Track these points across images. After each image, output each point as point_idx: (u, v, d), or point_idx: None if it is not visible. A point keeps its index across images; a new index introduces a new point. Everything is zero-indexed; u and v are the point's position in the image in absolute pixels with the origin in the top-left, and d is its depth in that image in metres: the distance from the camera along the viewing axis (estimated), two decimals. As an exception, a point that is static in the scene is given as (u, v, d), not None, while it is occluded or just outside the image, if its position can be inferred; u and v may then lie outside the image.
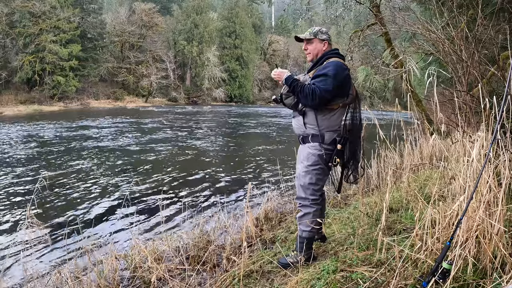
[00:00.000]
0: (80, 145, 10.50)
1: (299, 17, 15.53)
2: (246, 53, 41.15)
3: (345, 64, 2.34)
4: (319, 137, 2.29)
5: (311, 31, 2.43)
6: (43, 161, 8.29)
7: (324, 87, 2.17)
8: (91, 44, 31.80)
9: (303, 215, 2.35)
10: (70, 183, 6.31)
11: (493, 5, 3.93)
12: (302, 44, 2.49)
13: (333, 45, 2.48)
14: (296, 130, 2.45)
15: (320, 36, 2.40)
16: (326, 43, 2.41)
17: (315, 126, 2.30)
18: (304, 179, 2.33)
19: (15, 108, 24.19)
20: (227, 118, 22.33)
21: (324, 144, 2.29)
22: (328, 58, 2.34)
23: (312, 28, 2.46)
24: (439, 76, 3.46)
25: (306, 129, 2.32)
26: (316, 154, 2.29)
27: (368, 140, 3.42)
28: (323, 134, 2.29)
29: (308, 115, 2.31)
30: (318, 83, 2.20)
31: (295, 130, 2.47)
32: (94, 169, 7.44)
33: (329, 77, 2.19)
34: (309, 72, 2.39)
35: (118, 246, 3.48)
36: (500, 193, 1.77)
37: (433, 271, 1.65)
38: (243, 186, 6.19)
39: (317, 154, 2.29)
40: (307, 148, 2.33)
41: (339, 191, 2.58)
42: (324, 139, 2.29)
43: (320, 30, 2.42)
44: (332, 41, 2.49)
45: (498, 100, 2.03)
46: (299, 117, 2.37)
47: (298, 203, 2.42)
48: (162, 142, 11.65)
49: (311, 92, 2.18)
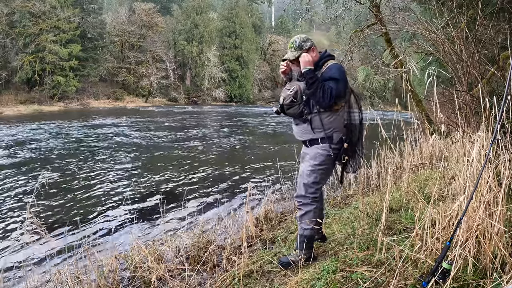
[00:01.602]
0: (80, 145, 10.50)
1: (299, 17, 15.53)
2: (246, 53, 41.14)
3: (340, 64, 2.39)
4: (328, 138, 2.32)
5: (293, 45, 2.37)
6: (43, 161, 8.29)
7: (337, 90, 2.20)
8: (91, 44, 31.79)
9: (304, 214, 2.36)
10: (70, 183, 6.31)
11: (493, 5, 3.93)
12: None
13: (333, 44, 2.48)
14: (301, 137, 2.45)
15: (305, 46, 2.36)
16: (314, 49, 2.38)
17: (322, 130, 2.32)
18: (308, 178, 2.35)
19: (15, 108, 24.18)
20: (227, 118, 22.32)
21: (333, 144, 2.33)
22: (324, 62, 2.35)
23: (293, 42, 2.38)
24: (439, 76, 3.46)
25: (315, 134, 2.34)
26: (325, 155, 2.33)
27: (369, 140, 3.42)
28: (331, 135, 2.33)
29: (314, 120, 2.33)
30: (332, 85, 2.21)
31: (299, 137, 2.47)
32: (94, 169, 7.44)
33: (339, 81, 2.22)
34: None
35: (118, 246, 3.48)
36: (500, 193, 1.78)
37: (433, 271, 1.65)
38: (243, 186, 6.19)
39: (326, 155, 2.33)
40: (316, 148, 2.36)
41: (341, 181, 2.61)
42: (332, 139, 2.33)
43: (302, 40, 2.37)
44: (332, 41, 2.49)
45: (498, 100, 2.04)
46: (303, 124, 2.37)
47: (297, 201, 2.42)
48: (162, 142, 11.65)
49: (329, 91, 2.18)
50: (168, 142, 11.71)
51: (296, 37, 2.41)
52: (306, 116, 2.34)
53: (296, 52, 2.35)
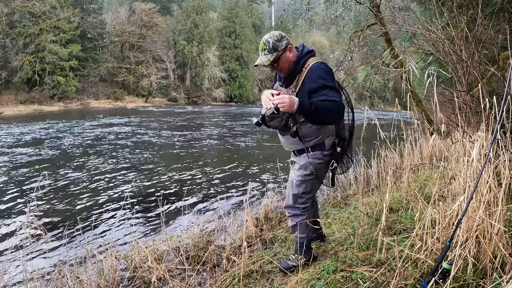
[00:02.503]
0: (79, 145, 10.50)
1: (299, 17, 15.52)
2: (246, 53, 41.15)
3: (324, 63, 2.09)
4: (319, 145, 2.14)
5: (267, 47, 2.00)
6: (43, 161, 8.29)
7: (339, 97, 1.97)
8: (91, 44, 31.78)
9: (295, 225, 2.26)
10: (70, 183, 6.31)
11: (493, 5, 3.93)
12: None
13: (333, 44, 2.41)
14: (289, 147, 2.25)
15: (281, 46, 2.02)
16: (290, 48, 2.06)
17: (312, 138, 2.12)
18: (298, 188, 2.20)
19: (15, 108, 24.18)
20: (227, 118, 22.32)
21: (325, 151, 2.16)
22: (304, 63, 2.06)
23: (265, 43, 2.02)
24: (439, 76, 3.46)
25: (305, 143, 2.12)
26: (316, 163, 2.15)
27: (368, 140, 3.42)
28: (323, 142, 2.14)
29: (303, 129, 2.08)
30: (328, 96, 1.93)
31: (287, 147, 2.27)
32: (94, 169, 7.44)
33: (332, 88, 1.97)
34: (289, 85, 2.09)
35: (118, 246, 3.48)
36: (500, 193, 1.78)
37: (433, 271, 1.65)
38: (243, 186, 6.19)
39: (317, 163, 2.16)
40: (305, 157, 2.16)
41: (333, 184, 2.42)
42: (324, 146, 2.15)
43: (276, 39, 2.02)
44: (332, 41, 2.45)
45: (498, 100, 2.03)
46: (289, 136, 2.14)
47: (288, 212, 2.31)
48: (162, 142, 11.65)
49: (336, 109, 1.92)
50: (168, 142, 11.71)
51: (268, 36, 2.04)
52: (292, 128, 2.08)
53: (271, 55, 2.01)
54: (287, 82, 2.12)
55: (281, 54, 2.03)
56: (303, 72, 2.04)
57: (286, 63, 2.06)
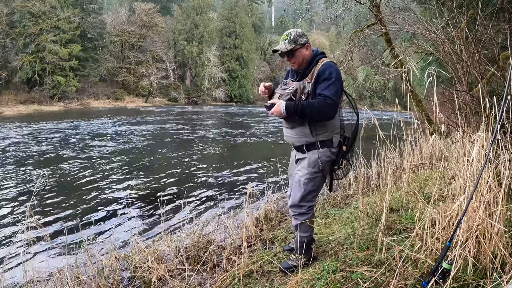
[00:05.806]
0: (80, 145, 10.50)
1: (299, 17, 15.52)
2: (246, 53, 41.14)
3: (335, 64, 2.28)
4: (329, 141, 2.19)
5: (288, 38, 2.19)
6: (43, 161, 8.29)
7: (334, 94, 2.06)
8: (91, 44, 31.76)
9: (301, 223, 2.27)
10: (70, 183, 6.31)
11: (493, 5, 3.93)
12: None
13: (333, 44, 2.46)
14: (296, 141, 2.26)
15: (300, 41, 2.20)
16: (308, 46, 2.23)
17: (325, 131, 2.16)
18: (306, 186, 2.21)
19: (15, 108, 24.16)
20: (227, 118, 22.32)
21: (333, 148, 2.20)
22: (318, 60, 2.22)
23: (288, 34, 2.21)
24: (439, 76, 3.46)
25: (314, 137, 2.16)
26: (325, 161, 2.19)
27: (368, 140, 3.42)
28: (332, 138, 2.19)
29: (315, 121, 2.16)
30: (325, 91, 2.07)
31: (293, 142, 2.29)
32: (94, 169, 7.44)
33: (336, 81, 2.09)
34: (306, 76, 2.22)
35: (118, 246, 3.48)
36: (500, 193, 1.78)
37: (433, 271, 1.65)
38: (243, 186, 6.19)
39: (325, 161, 2.20)
40: (314, 154, 2.19)
41: (330, 189, 2.47)
42: (332, 143, 2.19)
43: (297, 34, 2.21)
44: (332, 41, 2.48)
45: (498, 100, 2.03)
46: (300, 127, 2.19)
47: (293, 211, 2.30)
48: (162, 142, 11.65)
49: (326, 106, 2.03)
50: (168, 142, 11.71)
51: (292, 30, 2.24)
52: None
53: (289, 45, 2.18)
54: (304, 75, 2.26)
55: (298, 47, 2.21)
56: (317, 65, 2.21)
57: (301, 57, 2.23)
